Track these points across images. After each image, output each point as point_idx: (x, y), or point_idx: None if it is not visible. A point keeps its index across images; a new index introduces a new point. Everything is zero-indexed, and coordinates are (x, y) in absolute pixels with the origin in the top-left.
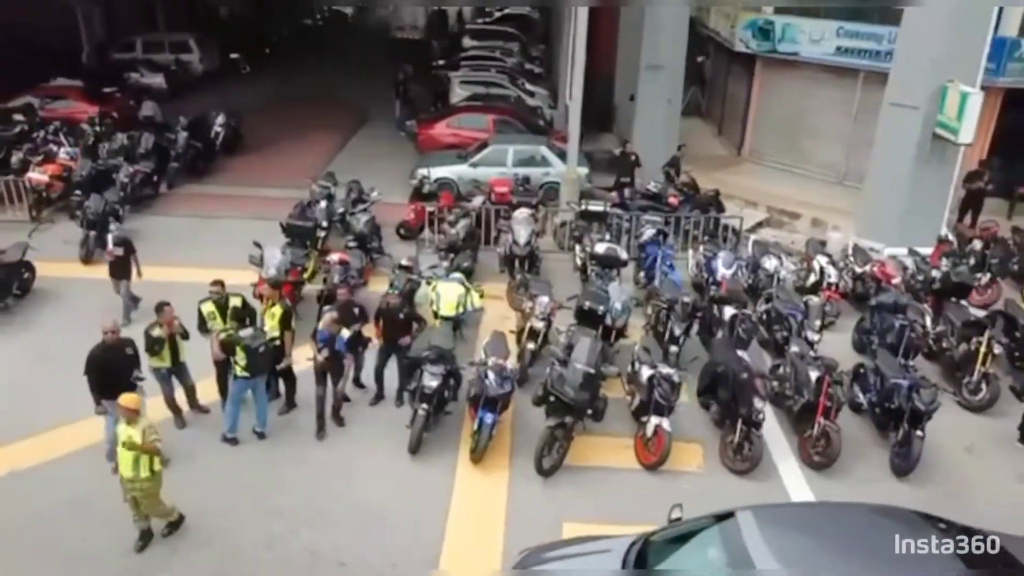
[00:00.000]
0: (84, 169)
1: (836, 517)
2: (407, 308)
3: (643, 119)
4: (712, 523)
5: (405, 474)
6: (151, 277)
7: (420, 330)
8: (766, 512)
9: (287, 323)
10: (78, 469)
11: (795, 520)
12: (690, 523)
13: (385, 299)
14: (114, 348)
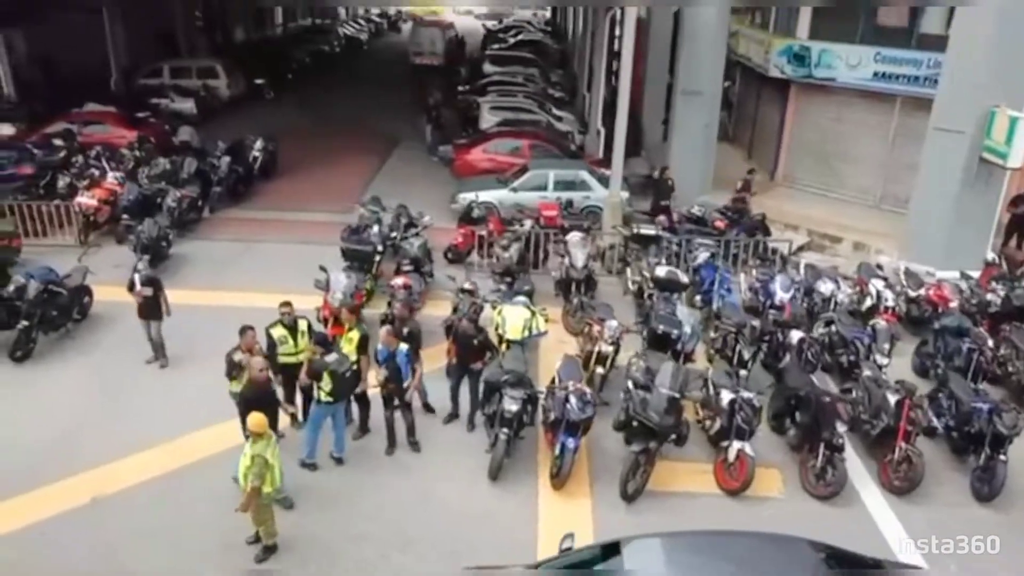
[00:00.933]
0: (131, 193)
1: (723, 546)
2: (482, 335)
3: (680, 144)
4: (599, 554)
5: (488, 500)
6: (202, 302)
7: (492, 358)
8: (650, 543)
9: (364, 348)
10: (158, 494)
11: (679, 551)
12: (578, 553)
13: (459, 323)
14: (263, 386)
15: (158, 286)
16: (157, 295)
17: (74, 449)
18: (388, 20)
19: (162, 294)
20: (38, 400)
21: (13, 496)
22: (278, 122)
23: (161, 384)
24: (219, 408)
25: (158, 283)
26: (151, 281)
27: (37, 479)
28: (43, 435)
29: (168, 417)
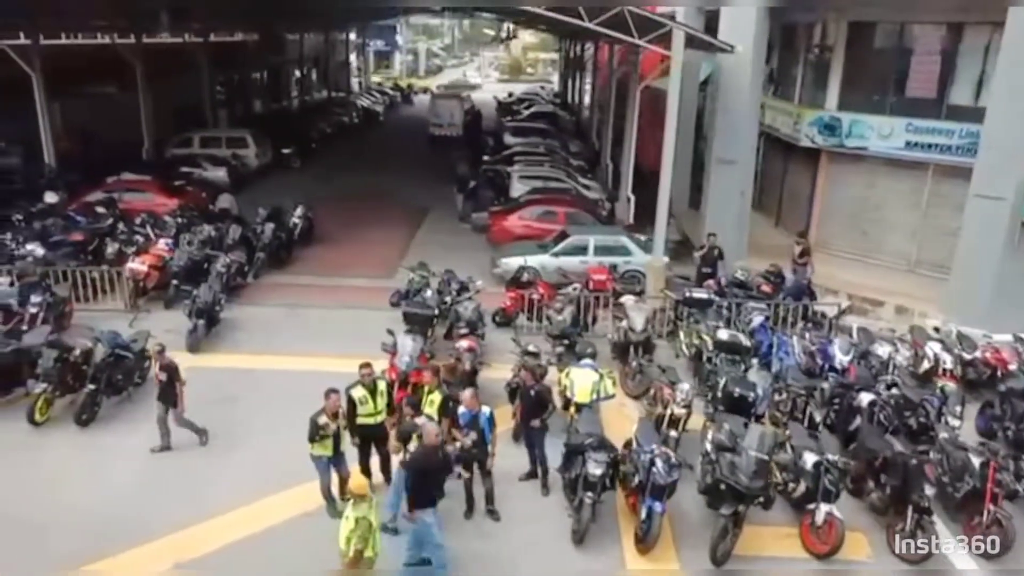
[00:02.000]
0: (181, 259)
1: None
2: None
3: (715, 211)
4: None
5: (576, 566)
6: (257, 366)
7: (549, 414)
8: None
9: (446, 409)
10: (240, 559)
11: None
12: None
13: (526, 383)
14: (434, 452)
15: (174, 374)
16: (172, 381)
17: (148, 514)
18: (402, 93)
19: (178, 382)
20: (107, 464)
21: (92, 562)
22: (307, 191)
23: (227, 448)
24: (292, 471)
25: (174, 371)
26: (166, 368)
27: (114, 545)
28: (116, 500)
29: (239, 481)
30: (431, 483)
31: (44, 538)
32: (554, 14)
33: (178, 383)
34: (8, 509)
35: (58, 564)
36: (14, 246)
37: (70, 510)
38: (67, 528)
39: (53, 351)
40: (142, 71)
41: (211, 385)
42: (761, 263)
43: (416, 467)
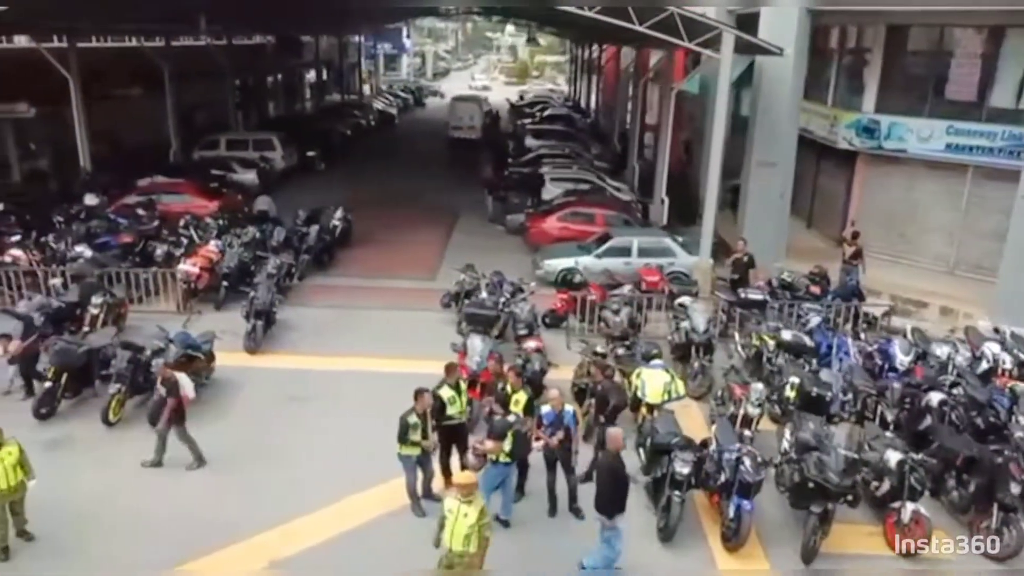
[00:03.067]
0: (231, 261)
1: None
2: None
3: (754, 213)
4: None
5: (665, 564)
6: (318, 367)
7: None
8: None
9: (530, 409)
10: (336, 555)
11: None
12: None
13: (596, 381)
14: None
15: (173, 388)
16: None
17: (235, 514)
18: (414, 96)
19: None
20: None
21: (189, 561)
22: (335, 193)
23: (303, 448)
24: (372, 470)
25: (174, 385)
26: (167, 381)
27: (208, 545)
28: (202, 500)
29: (321, 481)
30: (622, 489)
31: (139, 539)
32: (605, 17)
33: (171, 399)
34: (98, 510)
35: (156, 564)
36: (63, 247)
37: (159, 511)
38: (159, 529)
39: (127, 352)
40: (170, 74)
41: (276, 385)
42: (795, 265)
43: (607, 474)
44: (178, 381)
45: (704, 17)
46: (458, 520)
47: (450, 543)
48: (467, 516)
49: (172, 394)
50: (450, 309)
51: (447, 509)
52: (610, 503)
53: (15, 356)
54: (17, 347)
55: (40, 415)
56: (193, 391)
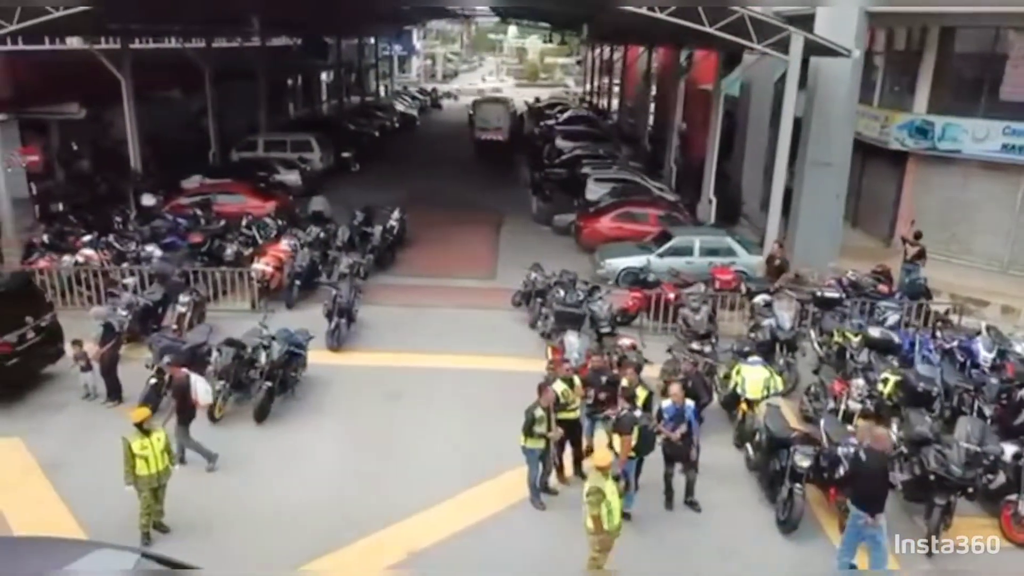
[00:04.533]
0: (304, 260)
1: None
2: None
3: (808, 213)
4: None
5: (790, 555)
6: (403, 363)
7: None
8: None
9: (649, 405)
10: (474, 544)
11: None
12: None
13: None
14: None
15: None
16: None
17: (361, 507)
18: (431, 98)
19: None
20: (297, 460)
21: (326, 554)
22: (376, 194)
23: (410, 442)
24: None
25: (181, 390)
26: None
27: (344, 537)
28: (323, 494)
29: (436, 474)
30: (884, 485)
31: (273, 533)
32: (676, 19)
33: (175, 400)
34: (225, 508)
35: (299, 557)
36: (133, 247)
37: (283, 505)
38: (290, 522)
39: (231, 348)
40: (210, 75)
41: (365, 382)
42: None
43: (878, 472)
44: (189, 383)
45: (774, 19)
46: (613, 497)
47: (610, 521)
48: (614, 493)
49: (178, 395)
50: (521, 308)
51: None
52: (875, 501)
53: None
54: (96, 352)
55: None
56: (208, 395)
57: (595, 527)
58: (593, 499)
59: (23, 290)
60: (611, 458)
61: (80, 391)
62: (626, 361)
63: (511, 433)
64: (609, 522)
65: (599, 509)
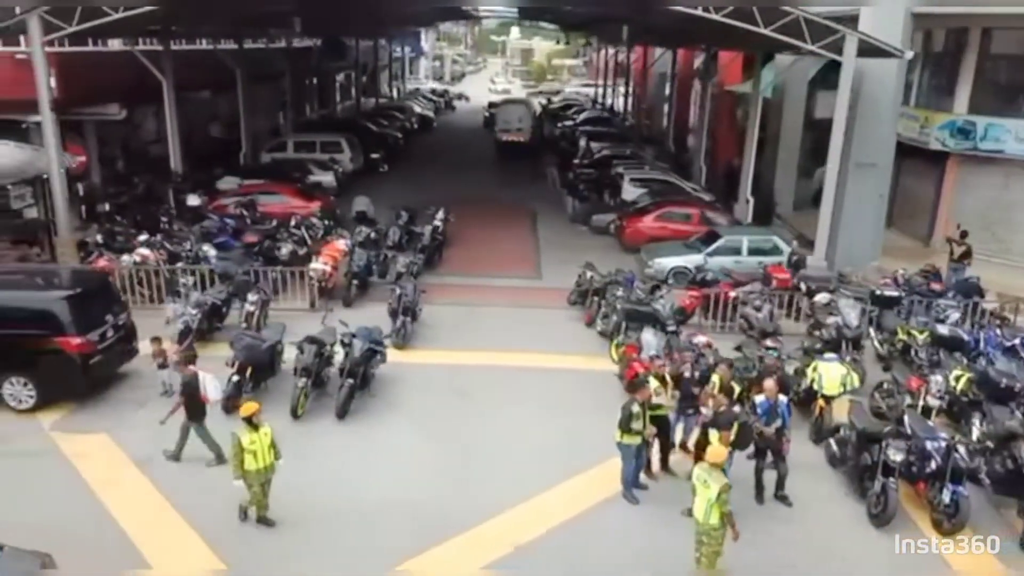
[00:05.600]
0: (361, 259)
1: None
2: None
3: (851, 213)
4: None
5: (887, 549)
6: (468, 361)
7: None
8: None
9: (743, 400)
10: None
11: None
12: None
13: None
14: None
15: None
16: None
17: (458, 501)
18: (444, 100)
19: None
20: (387, 455)
21: (435, 545)
22: (407, 194)
23: (490, 438)
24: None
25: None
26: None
27: (442, 532)
28: (416, 489)
29: (524, 469)
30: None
31: (377, 527)
32: (731, 20)
33: (181, 396)
34: (324, 504)
35: (406, 551)
36: (188, 247)
37: (381, 500)
38: (389, 518)
39: (313, 346)
40: (242, 75)
41: (435, 379)
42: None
43: None
44: (199, 380)
45: (828, 20)
46: (699, 492)
47: (696, 514)
48: (709, 489)
49: (185, 391)
50: (577, 306)
51: (696, 479)
52: None
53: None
54: (175, 351)
55: (228, 409)
56: (217, 392)
57: (729, 523)
58: (726, 497)
59: (102, 289)
60: (724, 455)
61: (158, 388)
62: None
63: (589, 429)
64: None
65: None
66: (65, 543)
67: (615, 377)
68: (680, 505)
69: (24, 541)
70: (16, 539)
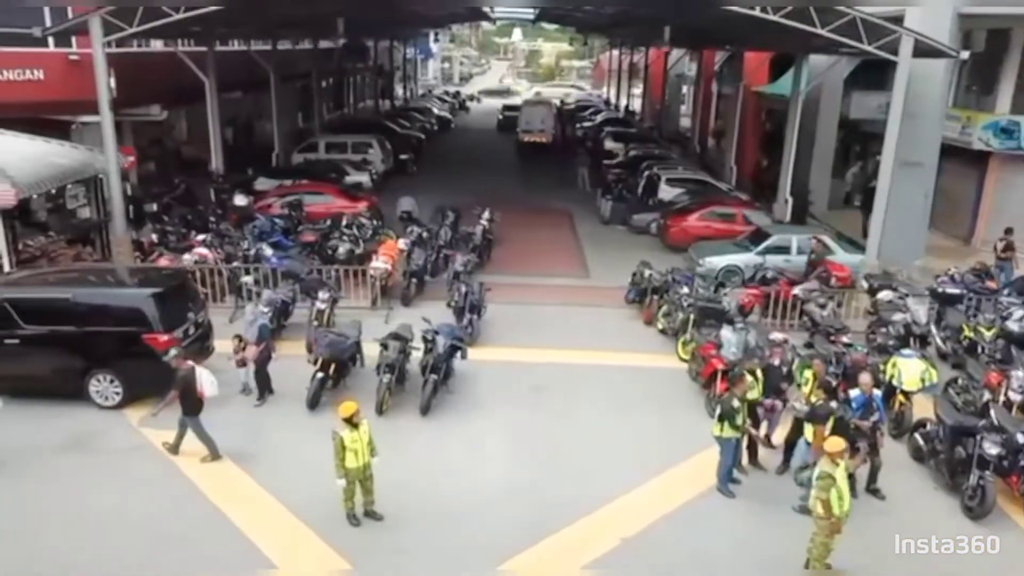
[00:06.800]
0: (420, 258)
1: None
2: None
3: (895, 212)
4: None
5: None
6: (532, 358)
7: None
8: None
9: (836, 394)
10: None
11: None
12: None
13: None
14: None
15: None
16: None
17: (554, 496)
18: (458, 101)
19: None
20: (476, 450)
21: (545, 538)
22: (441, 195)
23: (576, 433)
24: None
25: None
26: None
27: (546, 527)
28: (512, 485)
29: (616, 464)
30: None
31: (477, 523)
32: (788, 20)
33: (175, 391)
34: (424, 499)
35: (509, 546)
36: (245, 246)
37: (479, 495)
38: (491, 513)
39: (397, 342)
40: (275, 77)
41: (509, 376)
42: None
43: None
44: (195, 375)
45: (883, 21)
46: (843, 483)
47: (840, 506)
48: (844, 479)
49: (179, 386)
50: (634, 305)
51: (832, 474)
52: None
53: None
54: (254, 352)
55: (312, 405)
56: (213, 387)
57: (824, 511)
58: (823, 483)
59: (183, 287)
60: (843, 445)
61: (237, 386)
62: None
63: (667, 425)
64: (839, 507)
65: (828, 493)
66: (182, 538)
67: (685, 374)
68: (773, 498)
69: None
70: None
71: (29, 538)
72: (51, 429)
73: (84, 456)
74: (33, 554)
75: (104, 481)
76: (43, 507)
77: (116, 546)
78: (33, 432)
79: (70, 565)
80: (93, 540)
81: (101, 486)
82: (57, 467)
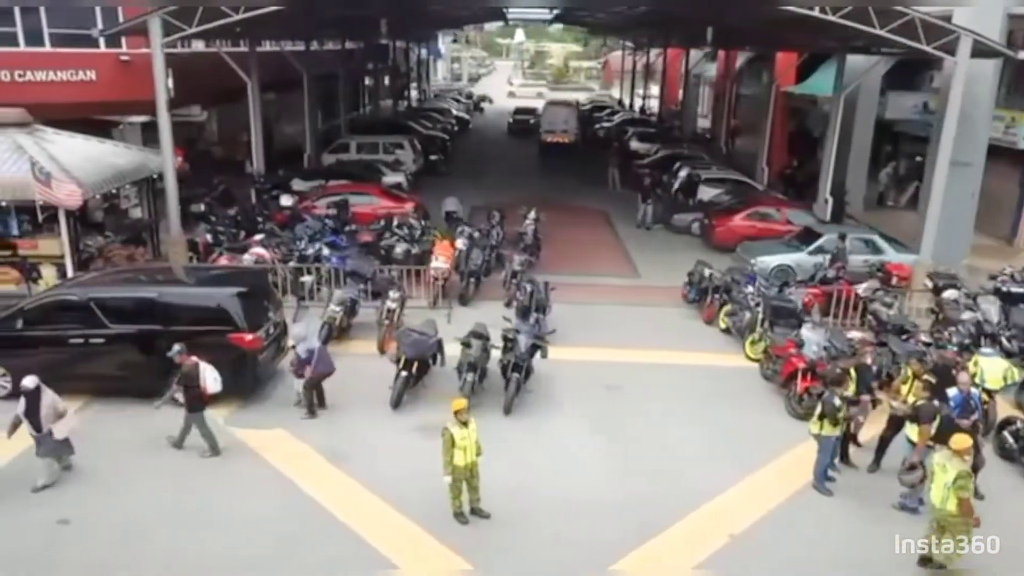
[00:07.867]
0: (478, 259)
1: None
2: None
3: (947, 212)
4: None
5: None
6: (600, 357)
7: None
8: None
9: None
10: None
11: None
12: None
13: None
14: None
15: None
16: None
17: (655, 494)
18: (472, 102)
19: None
20: (566, 449)
21: (654, 536)
22: (475, 195)
23: (658, 431)
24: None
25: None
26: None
27: (654, 525)
28: (609, 483)
29: (709, 460)
30: None
31: (584, 523)
32: (846, 21)
33: (174, 385)
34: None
35: (620, 544)
36: (301, 246)
37: (581, 494)
38: (596, 512)
39: (480, 341)
40: (308, 78)
41: (582, 375)
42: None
43: None
44: (199, 372)
45: (943, 22)
46: (937, 478)
47: (933, 499)
48: (947, 474)
49: (183, 382)
50: (693, 304)
51: (936, 464)
52: None
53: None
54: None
55: (396, 405)
56: (217, 384)
57: (965, 510)
58: (964, 483)
59: (264, 287)
60: (970, 442)
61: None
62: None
63: (749, 423)
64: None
65: (970, 492)
66: (298, 539)
67: (755, 373)
68: (868, 496)
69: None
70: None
71: (135, 538)
72: (141, 429)
73: (176, 457)
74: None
75: (207, 482)
76: (148, 507)
77: (232, 546)
78: (127, 432)
79: (192, 566)
80: (211, 541)
81: (207, 487)
82: (159, 467)
